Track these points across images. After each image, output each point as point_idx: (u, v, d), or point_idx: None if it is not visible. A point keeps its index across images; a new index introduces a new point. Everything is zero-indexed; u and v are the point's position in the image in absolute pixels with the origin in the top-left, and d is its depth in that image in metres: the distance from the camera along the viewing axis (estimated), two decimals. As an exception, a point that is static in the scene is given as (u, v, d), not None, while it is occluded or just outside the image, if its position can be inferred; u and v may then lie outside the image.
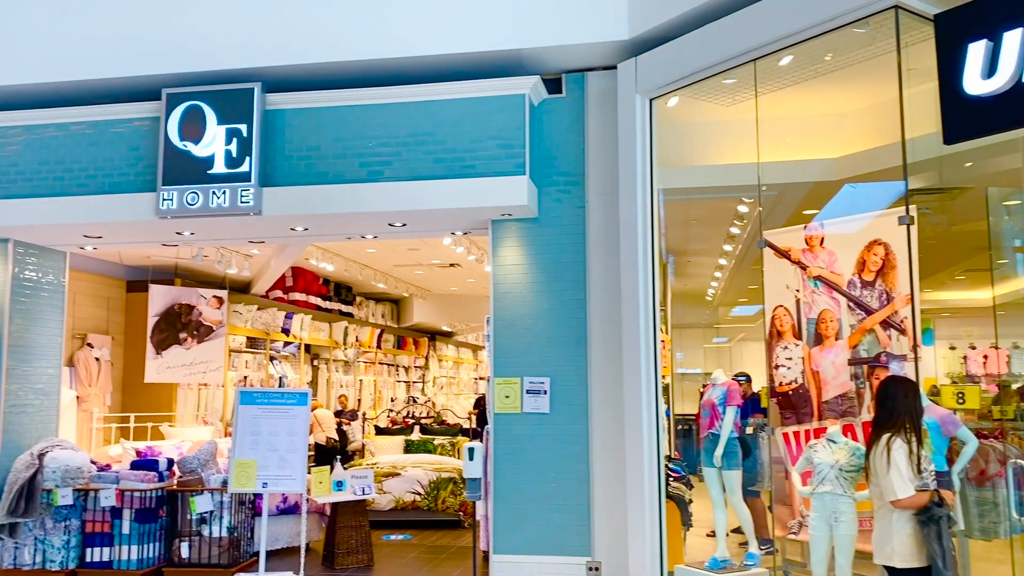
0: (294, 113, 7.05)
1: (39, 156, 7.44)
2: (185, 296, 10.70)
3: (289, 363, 13.93)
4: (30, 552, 7.41)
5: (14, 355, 7.80)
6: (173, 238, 7.96)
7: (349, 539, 7.93)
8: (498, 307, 6.97)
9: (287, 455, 7.09)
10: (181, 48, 7.03)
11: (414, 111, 6.87)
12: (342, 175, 6.91)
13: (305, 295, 14.04)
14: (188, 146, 6.99)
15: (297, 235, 7.85)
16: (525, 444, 6.78)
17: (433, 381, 20.60)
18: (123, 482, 7.51)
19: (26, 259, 8.01)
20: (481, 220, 7.10)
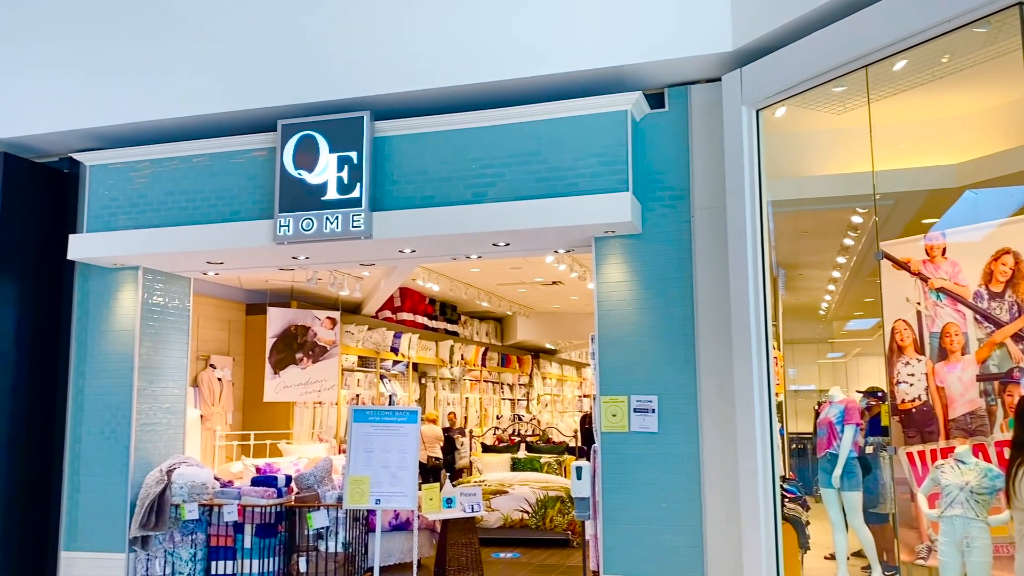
0: (401, 139, 7.25)
1: (165, 188, 7.90)
2: (301, 318, 11.10)
3: (398, 381, 14.24)
4: (160, 564, 7.81)
5: (144, 376, 8.27)
6: (289, 263, 8.28)
7: (460, 556, 8.01)
8: (603, 324, 6.94)
9: (399, 472, 7.25)
10: (294, 81, 7.35)
11: (516, 131, 6.95)
12: (448, 197, 7.04)
13: (412, 315, 14.34)
14: (302, 174, 7.28)
15: (405, 257, 8.04)
16: (634, 464, 6.70)
17: (537, 399, 20.63)
18: (244, 498, 7.83)
19: (154, 285, 8.49)
20: (584, 238, 7.10)
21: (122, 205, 8.01)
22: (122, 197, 8.02)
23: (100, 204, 8.09)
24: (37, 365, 8.33)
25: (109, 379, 8.21)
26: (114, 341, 8.25)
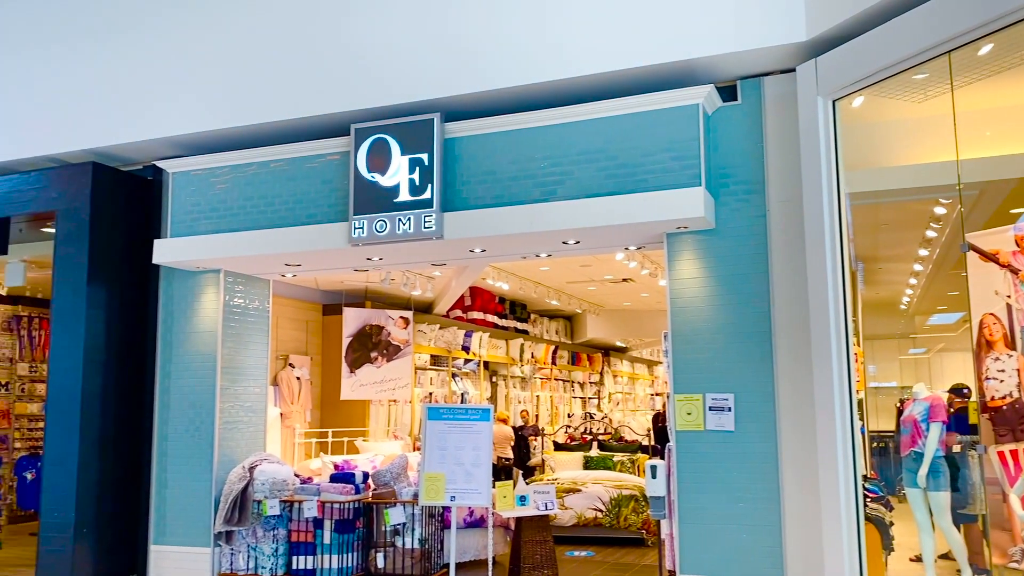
0: (471, 140, 7.30)
1: (244, 192, 8.13)
2: (375, 317, 11.29)
3: (470, 380, 14.36)
4: (244, 558, 8.05)
5: (226, 375, 8.53)
6: (363, 263, 8.44)
7: (534, 554, 8.04)
8: (676, 322, 6.87)
9: (472, 469, 7.31)
10: (367, 85, 7.47)
11: (585, 128, 6.93)
12: (517, 197, 7.07)
13: (483, 313, 14.44)
14: (375, 177, 7.41)
15: (475, 256, 8.10)
16: (709, 462, 6.62)
17: (609, 397, 20.53)
18: (323, 494, 8.01)
19: (235, 287, 8.75)
20: (655, 234, 7.04)
21: (204, 210, 8.27)
22: (203, 202, 8.28)
23: (183, 209, 8.38)
24: (126, 366, 8.68)
25: (193, 378, 8.50)
26: (198, 342, 8.53)
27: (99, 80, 8.58)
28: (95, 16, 8.70)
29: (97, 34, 8.67)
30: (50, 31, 8.88)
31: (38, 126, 8.79)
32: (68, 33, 8.79)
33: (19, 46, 9.00)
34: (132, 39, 8.49)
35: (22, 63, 8.95)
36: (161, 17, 8.41)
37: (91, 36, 8.69)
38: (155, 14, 8.44)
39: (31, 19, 8.98)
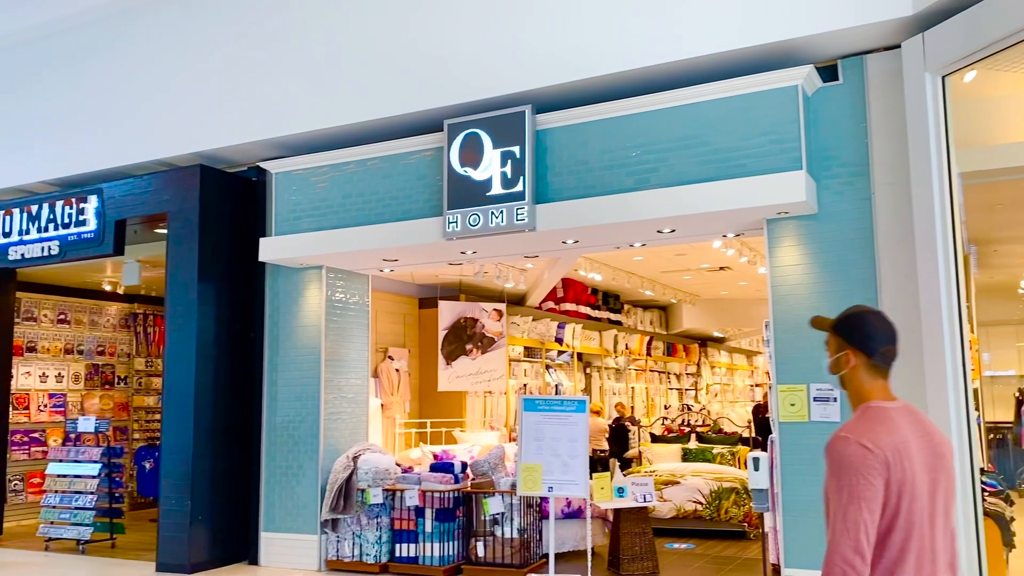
0: (562, 130, 7.29)
1: (343, 190, 8.35)
2: (469, 310, 11.43)
3: (564, 371, 14.37)
4: (349, 545, 8.29)
5: (329, 368, 8.79)
6: (458, 257, 8.54)
7: (633, 545, 7.99)
8: (777, 310, 6.70)
9: (569, 460, 7.31)
10: (458, 81, 7.55)
11: (678, 115, 6.82)
12: (609, 186, 7.02)
13: (575, 305, 14.42)
14: (468, 171, 7.49)
15: (568, 248, 8.09)
16: (815, 454, 6.42)
17: (706, 388, 20.20)
18: (424, 483, 8.17)
19: (336, 283, 9.00)
20: (754, 220, 6.87)
21: (305, 209, 8.54)
22: (305, 201, 8.55)
23: (286, 208, 8.66)
24: (236, 360, 9.05)
25: (299, 371, 8.79)
26: (302, 336, 8.82)
27: (205, 86, 8.95)
28: (200, 26, 9.08)
29: (202, 43, 9.04)
30: (158, 43, 9.31)
31: (149, 132, 9.24)
32: (175, 44, 9.20)
33: (130, 58, 9.47)
34: (235, 47, 8.82)
35: (133, 74, 9.41)
36: (260, 26, 8.70)
37: (197, 46, 9.07)
38: (255, 24, 8.74)
39: (140, 33, 9.44)
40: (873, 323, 2.49)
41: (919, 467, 2.32)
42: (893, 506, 2.27)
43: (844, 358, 2.51)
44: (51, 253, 9.77)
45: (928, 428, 2.44)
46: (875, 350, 2.47)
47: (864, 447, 2.29)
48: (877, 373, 2.48)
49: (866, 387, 2.49)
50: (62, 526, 9.90)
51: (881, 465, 2.26)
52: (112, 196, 9.41)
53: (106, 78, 9.60)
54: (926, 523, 2.30)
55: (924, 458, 2.35)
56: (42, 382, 12.57)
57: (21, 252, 9.96)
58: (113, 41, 9.60)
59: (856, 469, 2.27)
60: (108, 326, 13.62)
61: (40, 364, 12.56)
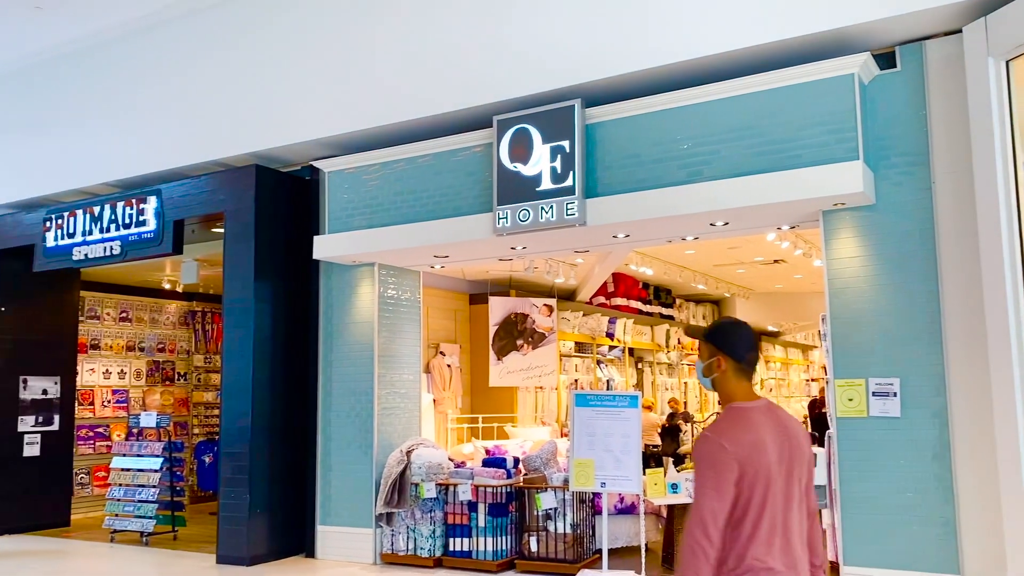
0: (612, 124, 7.24)
1: (394, 188, 8.42)
2: (520, 306, 11.45)
3: (615, 366, 14.30)
4: (403, 539, 8.38)
5: (382, 363, 8.89)
6: (508, 253, 8.56)
7: (687, 542, 7.92)
8: (834, 304, 6.57)
9: (622, 456, 7.28)
10: (507, 77, 7.56)
11: (731, 106, 6.72)
12: (661, 179, 6.95)
13: (626, 299, 14.33)
14: (517, 167, 7.49)
15: (619, 242, 8.04)
16: (874, 450, 6.30)
17: (761, 383, 19.91)
18: (476, 478, 8.21)
19: (388, 280, 9.09)
20: (810, 212, 6.75)
21: (357, 207, 8.64)
22: (357, 199, 8.65)
23: (338, 207, 8.77)
24: (292, 356, 9.21)
25: (353, 367, 8.91)
26: (355, 332, 8.93)
27: (259, 87, 9.11)
28: (253, 29, 9.23)
29: (256, 45, 9.20)
30: (213, 47, 9.50)
31: (206, 133, 9.44)
32: (230, 47, 9.37)
33: (187, 62, 9.68)
34: (288, 48, 8.95)
35: (190, 77, 9.62)
36: (312, 26, 8.81)
37: (250, 48, 9.23)
38: (307, 25, 8.85)
39: (196, 37, 9.64)
40: (740, 333, 2.84)
41: (774, 458, 2.66)
42: (748, 492, 2.61)
43: (715, 363, 2.83)
44: (113, 253, 10.05)
45: (784, 422, 2.79)
46: (742, 356, 2.80)
47: (721, 446, 2.64)
48: (743, 376, 2.81)
49: (733, 388, 2.81)
50: (126, 518, 10.20)
51: (735, 461, 2.61)
52: (171, 197, 9.64)
53: (164, 81, 9.83)
54: (780, 505, 2.65)
55: (779, 450, 2.69)
56: (106, 378, 12.95)
57: (85, 252, 10.27)
58: (170, 46, 9.82)
59: (712, 464, 2.63)
60: (168, 324, 13.98)
61: (104, 361, 12.94)
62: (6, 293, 11.11)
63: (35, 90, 11.07)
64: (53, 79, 10.88)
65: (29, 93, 11.13)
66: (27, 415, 11.18)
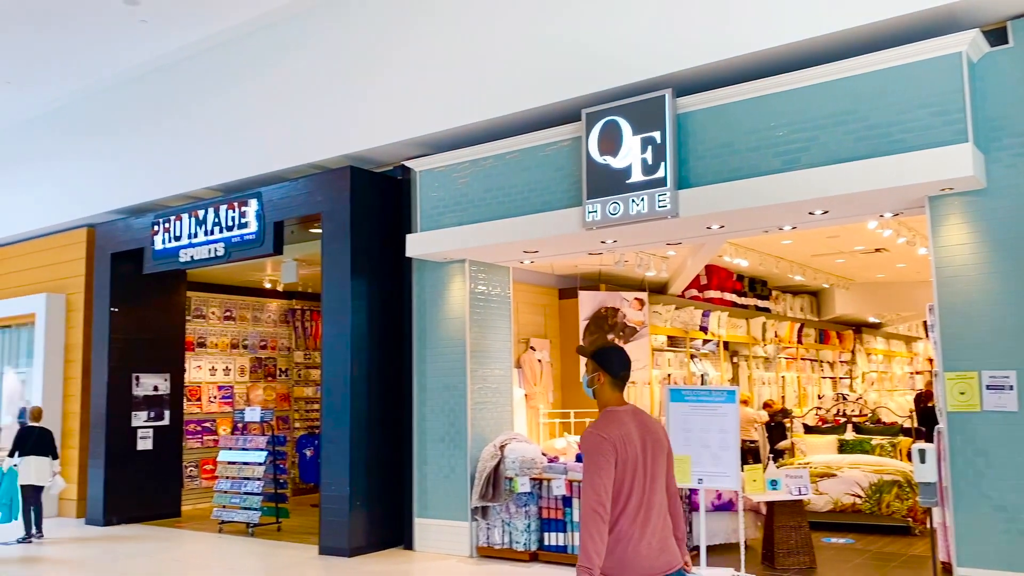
0: (703, 113, 7.11)
1: (483, 185, 8.48)
2: (610, 300, 11.36)
3: (709, 360, 14.04)
4: (499, 533, 8.44)
5: (474, 359, 8.97)
6: (598, 247, 8.51)
7: (788, 539, 7.73)
8: (943, 293, 6.27)
9: (719, 452, 7.15)
10: (595, 69, 7.51)
11: (829, 91, 6.50)
12: (756, 168, 6.79)
13: (720, 292, 14.04)
14: (607, 159, 7.43)
15: (712, 233, 7.89)
16: (988, 446, 5.99)
17: (862, 377, 19.21)
18: (571, 473, 8.19)
19: (478, 276, 9.17)
20: (914, 198, 6.46)
21: (448, 204, 8.74)
22: (448, 197, 8.75)
23: (429, 205, 8.90)
24: (387, 352, 9.40)
25: (446, 362, 9.02)
26: (448, 328, 9.04)
27: (351, 90, 9.32)
28: (345, 33, 9.45)
29: (347, 49, 9.41)
30: (307, 53, 9.77)
31: (302, 137, 9.71)
32: (322, 52, 9.62)
33: (282, 68, 9.98)
34: (378, 50, 9.13)
35: (286, 83, 9.92)
36: (401, 28, 8.96)
37: (342, 52, 9.45)
38: (396, 27, 9.01)
39: (291, 44, 9.93)
40: (617, 355, 3.63)
41: (639, 448, 3.44)
42: (621, 475, 3.38)
43: (596, 377, 3.61)
44: (217, 254, 10.46)
45: (646, 422, 3.57)
46: (616, 373, 3.59)
47: (602, 437, 3.39)
48: (616, 387, 3.60)
49: (608, 396, 3.59)
50: (233, 510, 10.61)
51: (611, 448, 3.37)
52: (270, 199, 9.97)
53: (262, 87, 10.17)
54: (647, 486, 3.44)
55: (643, 442, 3.47)
56: (211, 375, 13.50)
57: (190, 254, 10.73)
58: (267, 52, 10.15)
59: (598, 451, 3.37)
60: (269, 322, 14.47)
61: (209, 358, 13.49)
62: (119, 295, 11.70)
63: (141, 99, 11.62)
64: (157, 88, 11.39)
65: (136, 102, 11.69)
66: (140, 410, 11.77)
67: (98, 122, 12.22)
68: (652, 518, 3.43)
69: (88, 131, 12.37)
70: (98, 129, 12.21)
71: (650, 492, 3.44)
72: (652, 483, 3.45)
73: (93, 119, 12.31)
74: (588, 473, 3.33)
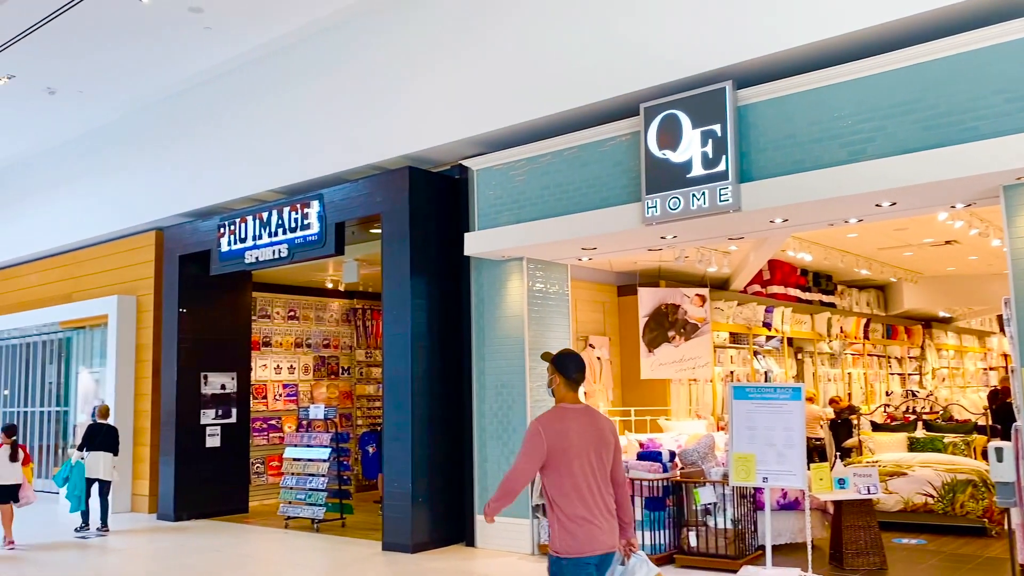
0: (765, 105, 6.98)
1: (540, 182, 8.47)
2: (670, 296, 11.24)
3: (773, 357, 13.79)
4: (560, 530, 8.41)
5: (533, 357, 8.96)
6: (657, 242, 8.42)
7: (857, 539, 7.54)
8: (1020, 286, 6.03)
9: (784, 450, 7.00)
10: (654, 63, 7.43)
11: (895, 79, 6.32)
12: (820, 160, 6.64)
13: (783, 287, 13.77)
14: (666, 154, 7.35)
15: (776, 227, 7.74)
16: (1071, 444, 5.75)
17: (932, 373, 18.64)
18: (632, 471, 8.13)
19: (536, 273, 9.16)
20: (988, 188, 6.24)
21: (505, 202, 8.75)
22: (505, 195, 8.76)
23: (487, 203, 8.92)
24: (446, 350, 9.46)
25: (504, 360, 9.04)
26: (506, 326, 9.06)
27: (409, 91, 9.39)
28: (402, 35, 9.54)
29: (405, 51, 9.49)
30: (366, 56, 9.89)
31: (362, 138, 9.83)
32: (381, 55, 9.72)
33: (341, 71, 10.12)
34: (435, 51, 9.19)
35: (345, 86, 10.05)
36: (457, 28, 9.00)
37: (400, 54, 9.54)
38: (453, 26, 9.05)
39: (350, 47, 10.06)
40: (572, 360, 4.15)
41: (576, 441, 3.94)
42: (556, 462, 3.92)
43: (553, 379, 4.13)
44: (281, 256, 10.66)
45: (594, 419, 4.08)
46: (571, 375, 4.10)
47: (538, 430, 3.96)
48: (570, 388, 4.10)
49: (563, 395, 4.11)
50: (299, 506, 10.81)
51: (541, 439, 3.93)
52: (331, 200, 10.12)
53: (321, 91, 10.33)
54: (588, 473, 3.94)
55: (585, 436, 3.97)
56: (276, 373, 13.78)
57: (255, 256, 10.96)
58: (325, 56, 10.30)
59: (531, 440, 3.96)
60: (331, 321, 14.70)
61: (274, 357, 13.77)
62: (187, 296, 12.02)
63: (206, 104, 11.91)
64: (221, 94, 11.67)
65: (201, 107, 11.99)
66: (208, 408, 12.07)
67: (165, 128, 12.57)
68: (597, 504, 3.94)
69: (155, 137, 12.74)
70: (165, 135, 12.56)
71: (594, 480, 3.95)
72: (596, 473, 3.97)
73: (160, 126, 12.67)
74: (519, 454, 3.99)
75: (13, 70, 11.42)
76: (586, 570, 3.88)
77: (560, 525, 3.90)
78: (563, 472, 3.89)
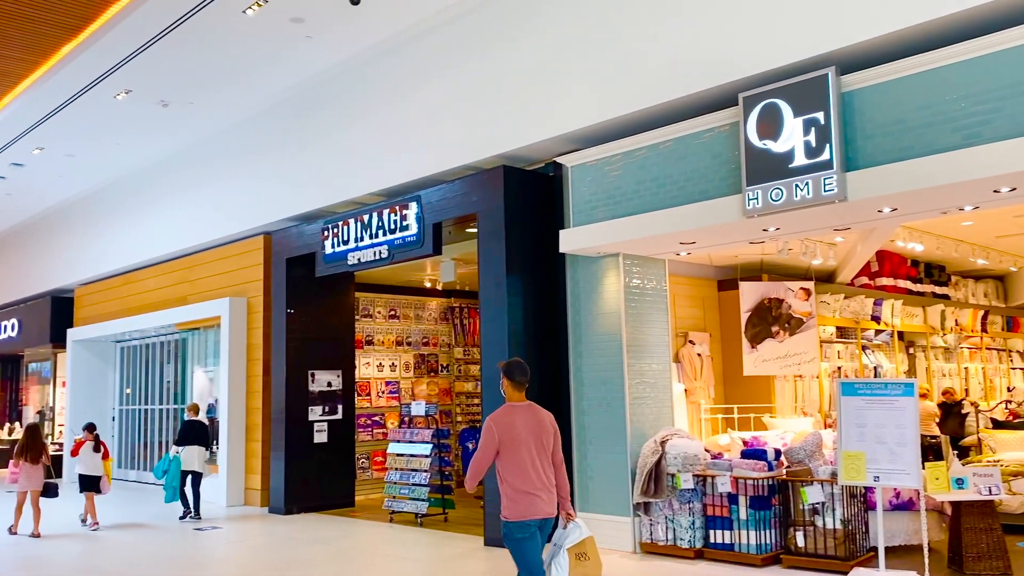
0: (870, 90, 6.72)
1: (636, 177, 8.39)
2: (773, 290, 10.94)
3: (882, 352, 13.25)
4: (663, 529, 8.34)
5: (631, 353, 8.89)
6: (759, 235, 8.22)
7: (978, 542, 7.18)
8: None
9: (897, 448, 6.74)
10: (751, 53, 7.26)
11: (1011, 58, 6.00)
12: (931, 145, 6.35)
13: (893, 279, 13.20)
14: (767, 144, 7.16)
15: (884, 217, 7.43)
16: None
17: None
18: (735, 470, 7.97)
19: (632, 269, 9.08)
20: (1120, 169, 5.83)
21: (600, 198, 8.71)
22: (600, 191, 8.72)
23: (582, 200, 8.90)
24: (543, 347, 9.49)
25: (602, 358, 9.00)
26: (603, 323, 9.02)
27: (502, 90, 9.47)
28: (494, 34, 9.61)
29: (497, 50, 9.57)
30: (459, 57, 10.01)
31: (457, 139, 9.97)
32: (475, 55, 9.83)
33: (437, 74, 10.28)
34: (526, 49, 9.22)
35: (442, 88, 10.21)
36: (548, 25, 9.01)
37: (492, 53, 9.62)
38: (543, 24, 9.06)
39: (445, 49, 10.21)
40: (517, 367, 5.29)
41: (522, 431, 5.10)
42: (506, 450, 5.06)
43: (503, 382, 5.29)
44: (381, 257, 10.93)
45: (537, 414, 5.25)
46: (514, 379, 5.26)
47: (490, 422, 5.12)
48: (516, 390, 5.27)
49: (510, 395, 5.27)
50: (402, 500, 11.06)
51: (494, 432, 5.08)
52: (429, 201, 10.30)
53: (417, 94, 10.52)
54: (535, 457, 5.10)
55: (528, 427, 5.14)
56: (379, 371, 14.13)
57: (357, 257, 11.26)
58: (419, 61, 10.48)
59: (486, 434, 5.09)
60: (430, 319, 14.97)
61: (377, 355, 14.12)
62: (294, 297, 12.47)
63: (307, 111, 12.30)
64: (321, 100, 12.03)
65: (303, 114, 12.39)
66: (315, 405, 12.48)
67: (270, 136, 13.05)
68: (540, 479, 5.08)
69: (261, 145, 13.24)
70: (270, 142, 13.04)
71: (538, 461, 5.10)
72: (539, 455, 5.12)
73: (265, 134, 13.17)
74: (479, 445, 5.11)
75: (129, 85, 12.09)
76: (528, 530, 5.02)
77: (508, 496, 5.06)
78: (512, 456, 5.05)
